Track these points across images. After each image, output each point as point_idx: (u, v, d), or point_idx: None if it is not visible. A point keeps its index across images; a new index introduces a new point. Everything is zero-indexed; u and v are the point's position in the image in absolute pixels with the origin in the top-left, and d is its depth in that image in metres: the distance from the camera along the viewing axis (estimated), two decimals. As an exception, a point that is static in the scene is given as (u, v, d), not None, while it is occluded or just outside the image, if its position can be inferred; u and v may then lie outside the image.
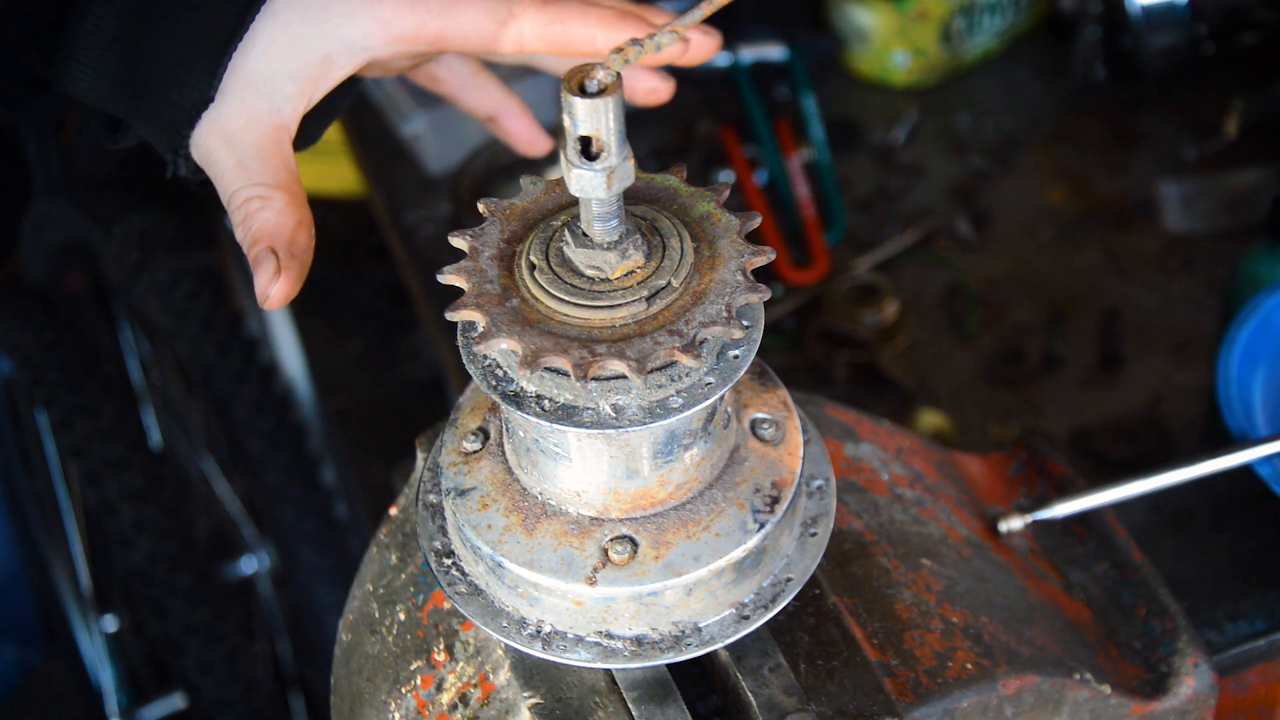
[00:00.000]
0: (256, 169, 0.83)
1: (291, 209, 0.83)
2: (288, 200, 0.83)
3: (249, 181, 0.83)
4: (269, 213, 0.82)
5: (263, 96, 0.84)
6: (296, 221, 0.83)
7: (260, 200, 0.82)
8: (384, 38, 0.86)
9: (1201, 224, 1.57)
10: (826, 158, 1.68)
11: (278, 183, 0.83)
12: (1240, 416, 1.12)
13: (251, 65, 0.83)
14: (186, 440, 2.06)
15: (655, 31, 0.66)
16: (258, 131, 0.84)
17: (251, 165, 0.83)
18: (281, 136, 0.85)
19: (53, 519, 2.03)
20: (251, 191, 0.83)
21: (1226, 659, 1.06)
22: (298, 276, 0.81)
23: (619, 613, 0.75)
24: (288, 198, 0.83)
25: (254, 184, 0.83)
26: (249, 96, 0.83)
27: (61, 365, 1.83)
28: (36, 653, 2.40)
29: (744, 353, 0.72)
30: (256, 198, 0.82)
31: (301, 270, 0.82)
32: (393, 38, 0.86)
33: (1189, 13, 1.59)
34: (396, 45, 0.86)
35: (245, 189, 0.83)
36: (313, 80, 0.85)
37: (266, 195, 0.82)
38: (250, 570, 1.99)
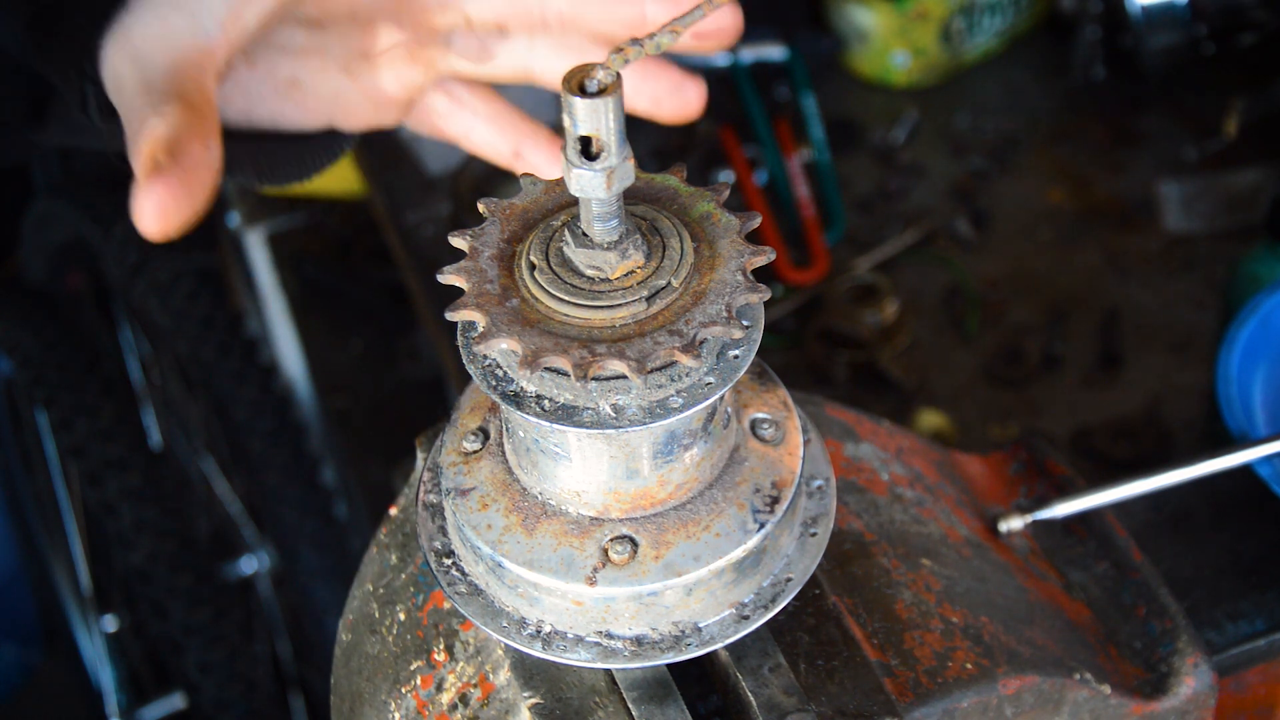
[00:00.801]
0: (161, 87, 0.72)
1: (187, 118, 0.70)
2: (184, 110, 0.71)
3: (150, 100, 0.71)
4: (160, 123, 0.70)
5: (185, 13, 0.74)
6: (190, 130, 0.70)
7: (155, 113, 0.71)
8: None
9: (1201, 224, 1.57)
10: (826, 158, 1.68)
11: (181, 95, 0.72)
12: (1240, 416, 1.12)
13: None
14: (186, 440, 2.06)
15: (655, 31, 0.66)
16: (174, 51, 0.73)
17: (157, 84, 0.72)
18: (203, 61, 0.74)
19: (53, 519, 2.04)
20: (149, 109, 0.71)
21: (1226, 659, 1.06)
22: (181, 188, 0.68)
23: (619, 613, 0.75)
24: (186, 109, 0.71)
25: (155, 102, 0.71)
26: (167, 11, 0.74)
27: (61, 365, 1.83)
28: (36, 653, 2.40)
29: (744, 353, 0.72)
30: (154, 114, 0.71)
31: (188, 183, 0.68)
32: None
33: (1189, 13, 1.59)
34: None
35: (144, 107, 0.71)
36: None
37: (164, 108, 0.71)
38: (250, 570, 1.99)
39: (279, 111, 0.87)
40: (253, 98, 0.85)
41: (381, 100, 0.89)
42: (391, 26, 0.86)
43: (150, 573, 1.73)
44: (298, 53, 0.85)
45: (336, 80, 0.87)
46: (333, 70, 0.86)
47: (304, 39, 0.85)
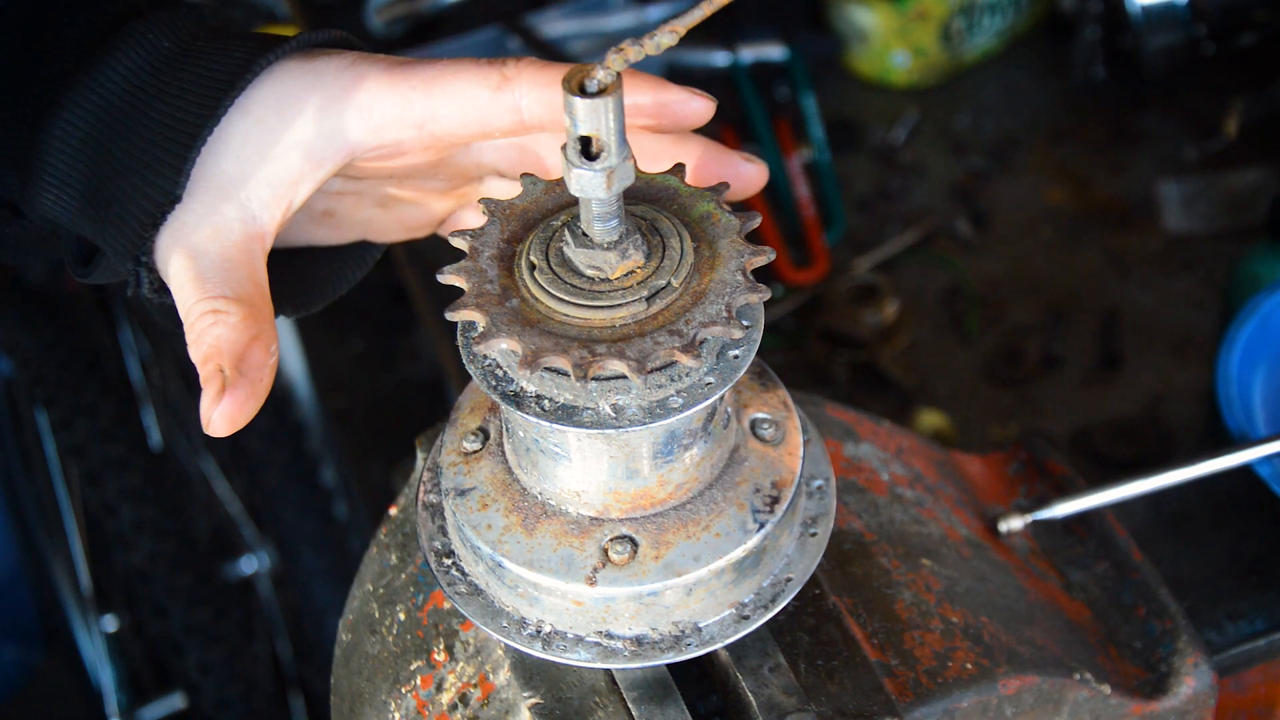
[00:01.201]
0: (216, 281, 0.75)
1: (248, 323, 0.75)
2: (245, 314, 0.75)
3: (206, 294, 0.75)
4: (222, 328, 0.74)
5: (235, 203, 0.77)
6: (251, 337, 0.74)
7: (214, 315, 0.74)
8: (366, 127, 0.78)
9: (1201, 224, 1.57)
10: (826, 158, 1.68)
11: (238, 295, 0.75)
12: (1240, 416, 1.12)
13: (223, 168, 0.77)
14: (186, 440, 2.06)
15: (655, 31, 0.66)
16: (226, 241, 0.76)
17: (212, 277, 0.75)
18: (253, 247, 0.77)
19: (53, 519, 2.04)
20: (206, 305, 0.75)
21: (1226, 659, 1.06)
22: (247, 397, 0.73)
23: (619, 613, 0.75)
24: (245, 311, 0.75)
25: (211, 297, 0.75)
26: (219, 203, 0.77)
27: (61, 365, 1.83)
28: (36, 653, 2.40)
29: (744, 353, 0.72)
30: (210, 311, 0.74)
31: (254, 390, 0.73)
32: (375, 125, 0.78)
33: (1189, 13, 1.59)
34: (380, 133, 0.78)
35: (201, 303, 0.75)
36: (291, 184, 0.78)
37: (222, 309, 0.75)
38: (250, 570, 2.00)
39: (312, 234, 0.89)
40: (292, 227, 0.87)
41: (413, 226, 0.91)
42: (427, 180, 0.88)
43: (150, 573, 1.73)
44: (334, 194, 0.87)
45: (369, 212, 0.89)
46: (367, 205, 0.89)
47: (340, 185, 0.87)
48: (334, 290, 0.92)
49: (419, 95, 0.78)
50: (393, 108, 0.78)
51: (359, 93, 0.78)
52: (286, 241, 0.87)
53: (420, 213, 0.91)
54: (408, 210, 0.90)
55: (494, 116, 0.78)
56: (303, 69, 0.78)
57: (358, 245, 0.91)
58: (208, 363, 0.74)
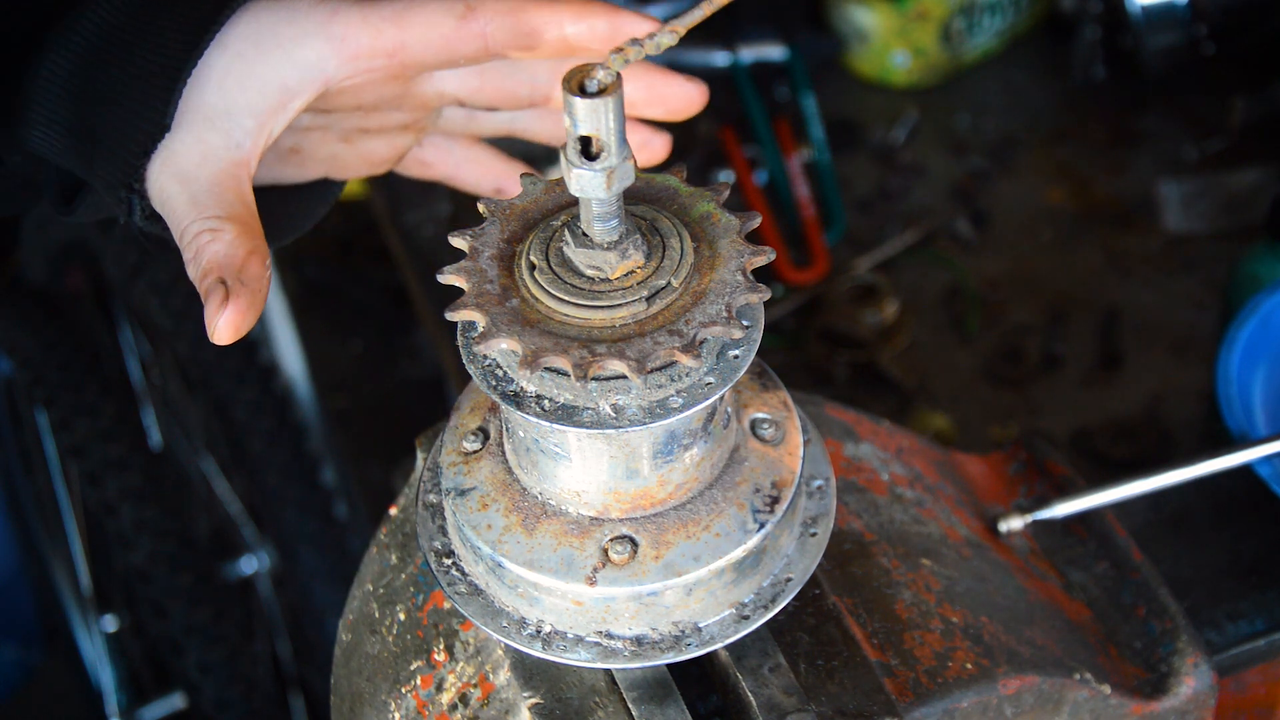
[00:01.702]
0: (209, 203, 0.80)
1: (244, 239, 0.80)
2: (239, 231, 0.80)
3: (200, 215, 0.80)
4: (219, 244, 0.79)
5: (219, 132, 0.82)
6: (248, 251, 0.79)
7: (210, 233, 0.79)
8: (340, 57, 0.83)
9: (1201, 224, 1.57)
10: (826, 158, 1.68)
11: (230, 215, 0.80)
12: (1240, 416, 1.12)
13: (207, 100, 0.82)
14: (186, 440, 2.06)
15: (655, 31, 0.66)
16: (214, 167, 0.81)
17: (205, 201, 0.80)
18: (239, 173, 0.82)
19: (53, 519, 2.03)
20: (202, 225, 0.80)
21: (1226, 659, 1.06)
22: (248, 305, 0.78)
23: (619, 613, 0.75)
24: (239, 228, 0.80)
25: (205, 217, 0.80)
26: (204, 132, 0.82)
27: (61, 365, 1.83)
28: (36, 653, 2.40)
29: (744, 353, 0.72)
30: (207, 230, 0.79)
31: (253, 300, 0.78)
32: (349, 55, 0.83)
33: (1189, 13, 1.59)
34: (354, 63, 0.84)
35: (196, 223, 0.80)
36: (271, 112, 0.83)
37: (217, 228, 0.80)
38: (250, 570, 1.99)
39: (279, 173, 0.95)
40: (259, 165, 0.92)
41: (374, 160, 0.97)
42: (391, 111, 0.95)
43: (150, 573, 1.72)
44: (302, 130, 0.93)
45: (334, 147, 0.95)
46: (332, 140, 0.95)
47: (309, 120, 0.92)
48: (300, 226, 0.97)
49: (389, 25, 0.83)
50: (365, 38, 0.83)
51: (332, 25, 0.83)
52: (254, 181, 0.91)
53: (382, 146, 0.96)
54: (370, 144, 0.96)
55: (460, 43, 0.84)
56: (277, 4, 0.83)
57: (319, 183, 0.97)
58: (207, 277, 0.78)
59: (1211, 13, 1.59)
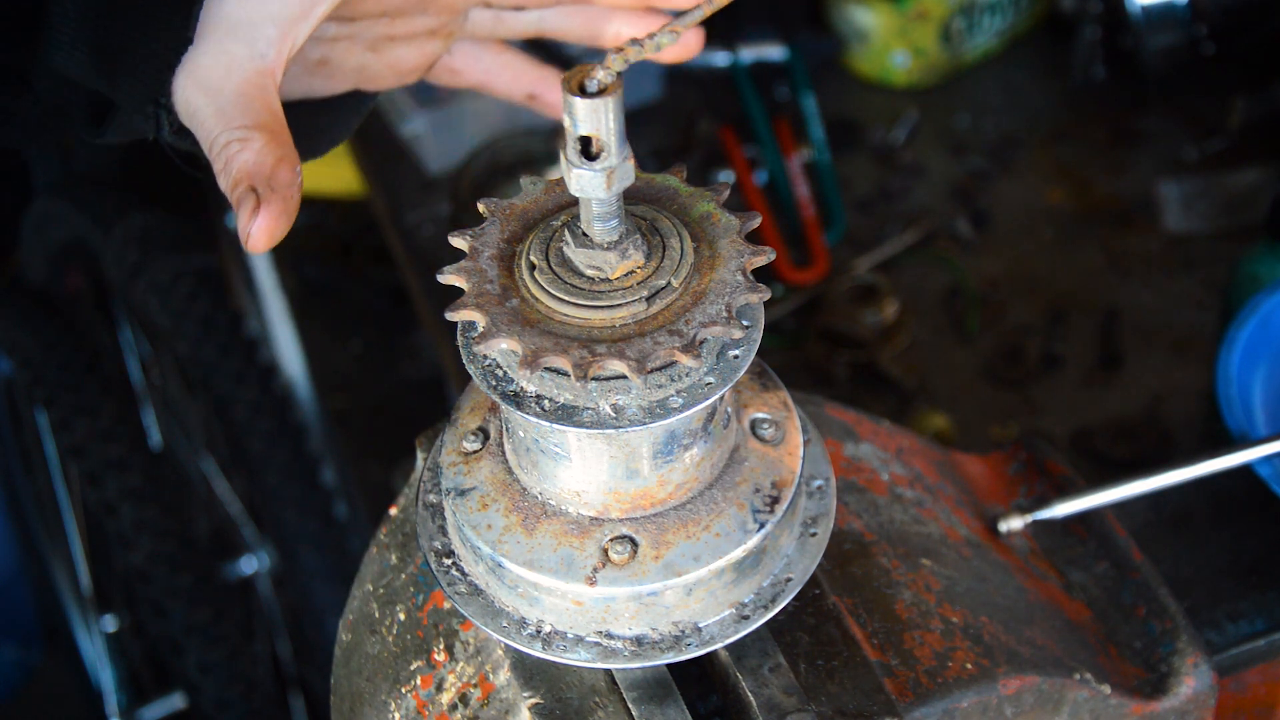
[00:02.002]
0: (236, 114, 0.80)
1: (272, 147, 0.79)
2: (268, 139, 0.80)
3: (228, 126, 0.80)
4: (248, 153, 0.79)
5: (242, 42, 0.81)
6: (277, 158, 0.79)
7: (240, 142, 0.79)
8: None
9: (1201, 224, 1.57)
10: (826, 158, 1.68)
11: (258, 124, 0.80)
12: (1240, 416, 1.12)
13: (229, 11, 0.81)
14: (186, 440, 2.06)
15: (655, 31, 0.66)
16: (239, 78, 0.81)
17: (231, 111, 0.80)
18: (264, 82, 0.82)
19: (53, 519, 2.03)
20: (231, 135, 0.79)
21: (1226, 659, 1.06)
22: (280, 212, 0.78)
23: (619, 613, 0.75)
24: (268, 137, 0.80)
25: (233, 127, 0.80)
26: (228, 43, 0.81)
27: (61, 365, 1.83)
28: (36, 653, 2.40)
29: (744, 353, 0.72)
30: (236, 140, 0.79)
31: (285, 206, 0.78)
32: None
33: (1189, 13, 1.59)
34: None
35: (224, 134, 0.80)
36: (293, 20, 0.82)
37: (246, 137, 0.79)
38: (250, 570, 1.99)
39: (308, 86, 0.94)
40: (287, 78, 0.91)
41: (403, 70, 0.96)
42: (417, 15, 0.94)
43: (150, 573, 1.72)
44: (329, 40, 0.92)
45: (362, 56, 0.94)
46: (359, 50, 0.94)
47: (335, 29, 0.92)
48: (333, 139, 0.96)
49: None
50: None
51: None
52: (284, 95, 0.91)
53: (410, 54, 0.96)
54: (398, 52, 0.95)
55: None
56: None
57: (350, 95, 0.96)
58: (239, 185, 0.78)
59: (1211, 13, 1.59)
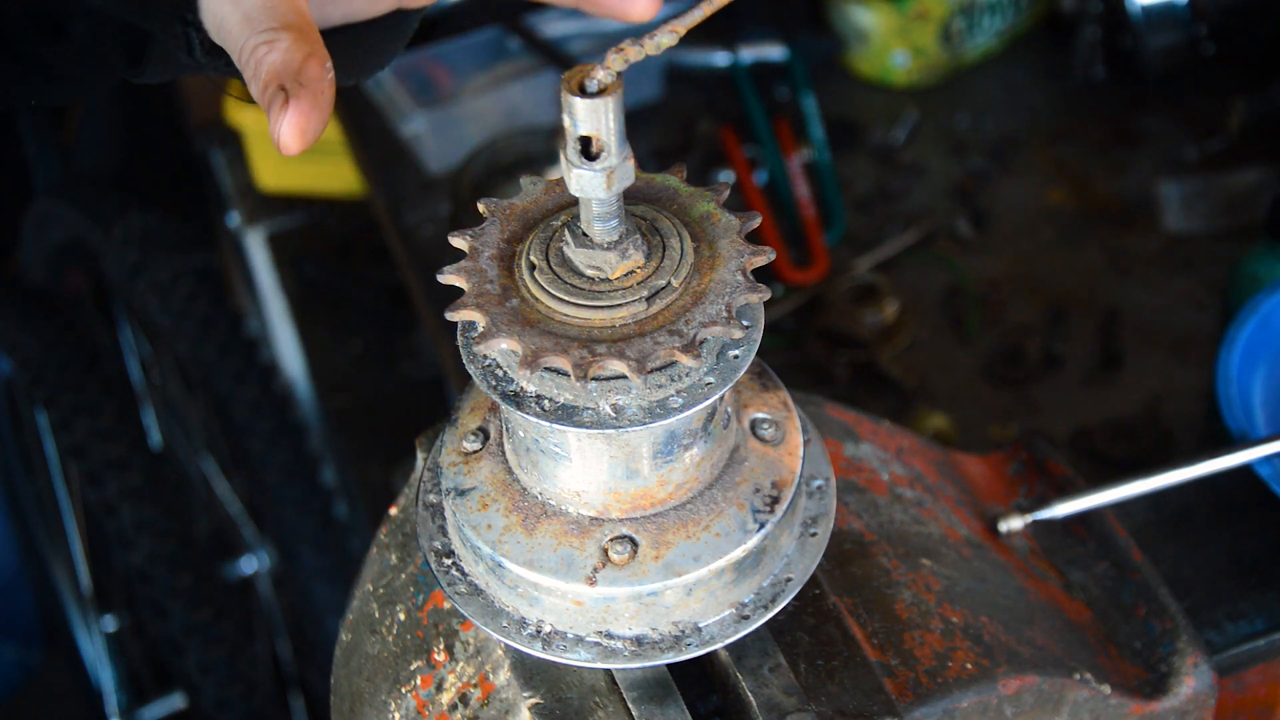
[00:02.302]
0: (262, 18, 0.78)
1: (299, 44, 0.77)
2: (295, 37, 0.77)
3: (254, 31, 0.78)
4: (275, 53, 0.77)
5: None
6: (305, 54, 0.77)
7: (267, 45, 0.77)
8: None
9: (1201, 224, 1.57)
10: (826, 158, 1.68)
11: (284, 24, 0.78)
12: (1240, 416, 1.12)
13: None
14: (186, 440, 2.06)
15: (655, 31, 0.66)
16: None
17: (257, 16, 0.79)
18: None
19: (53, 519, 2.04)
20: (258, 39, 0.78)
21: (1226, 659, 1.06)
22: (311, 106, 0.75)
23: (619, 613, 0.75)
24: (295, 35, 0.78)
25: (259, 31, 0.78)
26: None
27: (61, 365, 1.83)
28: (36, 653, 2.40)
29: (744, 353, 0.72)
30: (263, 43, 0.77)
31: (317, 101, 0.76)
32: None
33: (1189, 12, 1.59)
34: None
35: (251, 39, 0.78)
36: None
37: (272, 38, 0.77)
38: (250, 570, 2.00)
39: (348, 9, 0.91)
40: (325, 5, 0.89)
41: None
42: None
43: (150, 573, 1.73)
44: None
45: None
46: None
47: None
48: (380, 60, 0.94)
49: None
50: None
51: None
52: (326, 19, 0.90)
53: None
54: None
55: None
56: None
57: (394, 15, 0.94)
58: (268, 87, 0.76)
59: (1211, 13, 1.59)
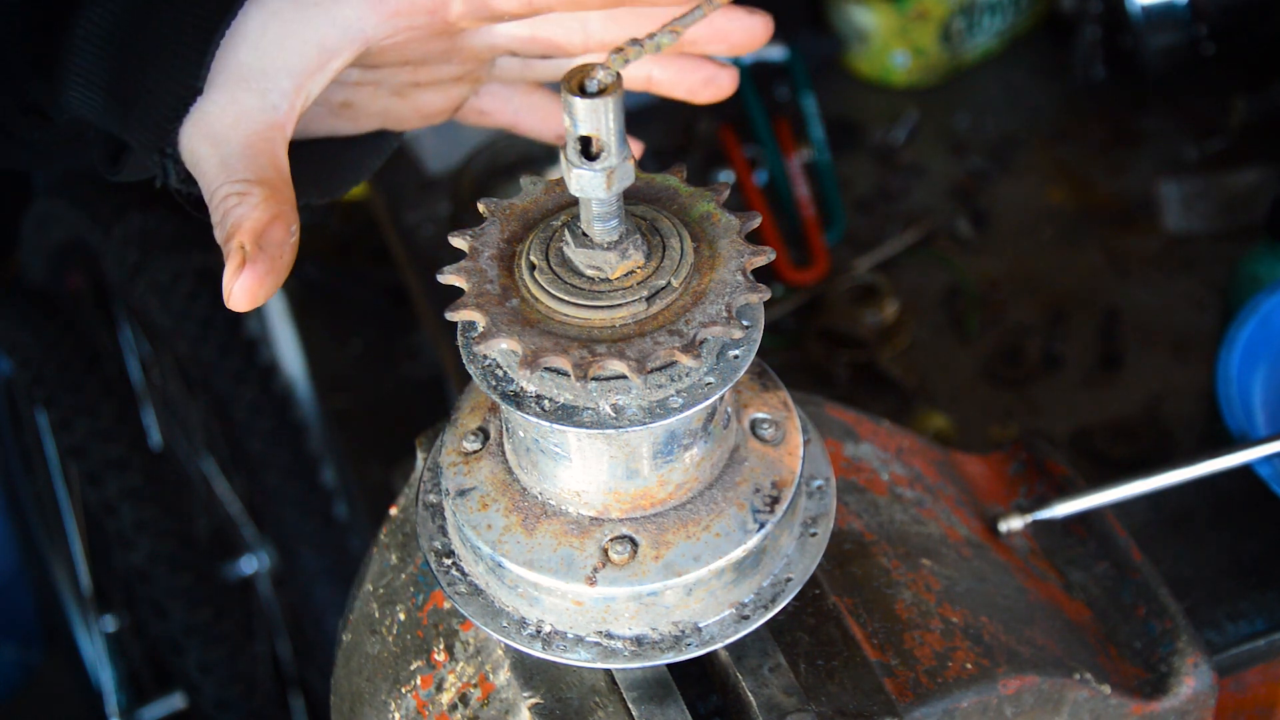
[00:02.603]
0: (239, 166, 0.78)
1: (269, 203, 0.77)
2: (266, 194, 0.77)
3: (229, 179, 0.78)
4: (244, 207, 0.76)
5: (254, 93, 0.80)
6: (272, 215, 0.77)
7: (238, 196, 0.77)
8: (379, 15, 0.81)
9: (1201, 224, 1.57)
10: (826, 158, 1.68)
11: (260, 178, 0.78)
12: (1240, 416, 1.12)
13: (242, 60, 0.80)
14: (186, 440, 2.06)
15: (655, 31, 0.66)
16: (247, 129, 0.79)
17: (235, 164, 0.78)
18: (274, 135, 0.80)
19: (53, 519, 2.03)
20: (231, 189, 0.78)
21: (1226, 659, 1.06)
22: (267, 272, 0.75)
23: (619, 613, 0.75)
24: (266, 192, 0.77)
25: (234, 180, 0.78)
26: (239, 93, 0.80)
27: (61, 365, 1.83)
28: (36, 653, 2.40)
29: (744, 353, 0.72)
30: (234, 194, 0.77)
31: (273, 265, 0.75)
32: (389, 13, 0.81)
33: (1189, 13, 1.59)
34: (394, 20, 0.82)
35: (225, 186, 0.78)
36: (308, 73, 0.81)
37: (244, 190, 0.77)
38: (250, 570, 1.99)
39: (332, 126, 0.92)
40: (310, 119, 0.90)
41: (429, 113, 0.95)
42: (442, 63, 0.92)
43: (150, 573, 1.72)
44: (352, 85, 0.91)
45: (387, 101, 0.92)
46: (384, 95, 0.92)
47: (358, 75, 0.90)
48: (355, 177, 0.95)
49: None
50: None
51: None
52: (308, 133, 0.89)
53: (436, 99, 0.94)
54: (424, 97, 0.93)
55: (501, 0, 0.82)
56: None
57: (377, 134, 0.94)
58: (229, 240, 0.76)
59: (1211, 13, 1.59)
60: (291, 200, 0.79)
